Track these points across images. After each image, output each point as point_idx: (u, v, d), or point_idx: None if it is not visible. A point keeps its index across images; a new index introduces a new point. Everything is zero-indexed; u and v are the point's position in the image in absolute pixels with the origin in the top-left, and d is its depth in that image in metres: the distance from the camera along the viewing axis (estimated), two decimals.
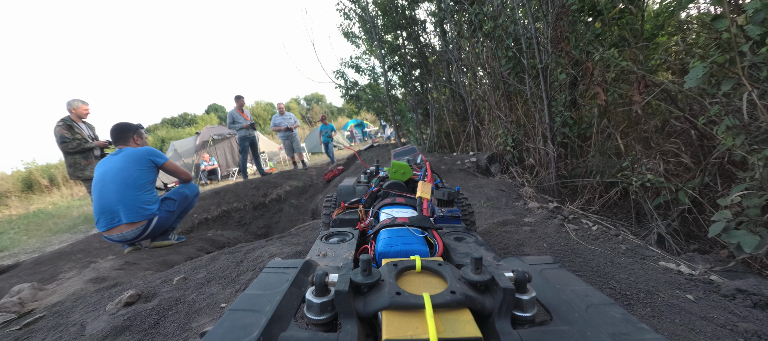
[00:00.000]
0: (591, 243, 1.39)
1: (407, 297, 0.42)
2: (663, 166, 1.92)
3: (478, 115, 4.59)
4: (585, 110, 3.07)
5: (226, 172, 11.83)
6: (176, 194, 3.17)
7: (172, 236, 3.29)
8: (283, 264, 0.56)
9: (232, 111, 6.56)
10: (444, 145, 5.86)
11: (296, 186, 7.54)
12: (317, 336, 0.40)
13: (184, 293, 1.32)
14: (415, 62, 6.38)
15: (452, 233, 0.80)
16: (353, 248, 0.72)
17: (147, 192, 2.91)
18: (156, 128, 36.17)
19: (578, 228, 1.51)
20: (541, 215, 1.67)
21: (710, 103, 1.75)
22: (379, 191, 1.05)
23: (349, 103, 7.72)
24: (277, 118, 8.07)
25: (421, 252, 0.65)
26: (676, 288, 1.14)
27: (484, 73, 4.03)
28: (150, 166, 2.96)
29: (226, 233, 3.60)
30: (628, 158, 2.15)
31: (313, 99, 48.55)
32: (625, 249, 1.34)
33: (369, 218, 0.91)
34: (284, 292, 0.47)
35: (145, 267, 2.33)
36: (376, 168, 1.42)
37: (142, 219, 2.84)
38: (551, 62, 2.60)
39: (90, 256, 4.07)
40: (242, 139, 6.74)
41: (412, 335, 0.38)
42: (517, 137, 3.29)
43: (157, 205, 2.97)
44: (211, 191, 6.90)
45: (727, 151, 1.67)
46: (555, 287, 0.50)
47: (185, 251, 2.95)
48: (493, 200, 2.08)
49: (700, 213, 1.95)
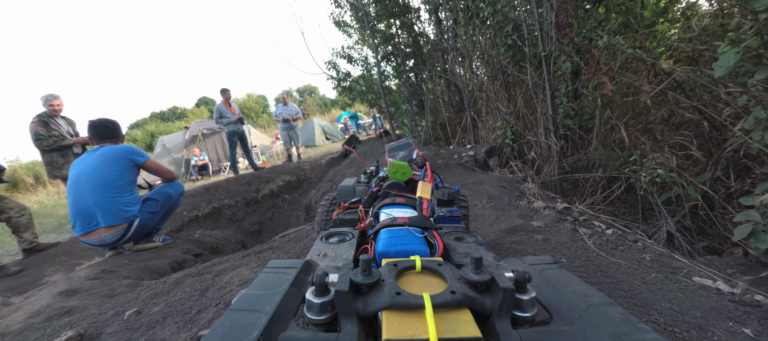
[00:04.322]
0: (612, 254, 1.27)
1: (407, 297, 0.42)
2: (673, 160, 1.81)
3: (475, 106, 4.46)
4: (586, 100, 2.95)
5: (217, 167, 11.57)
6: (159, 193, 3.00)
7: (157, 238, 3.13)
8: (283, 264, 0.56)
9: (218, 105, 6.32)
10: (439, 137, 5.73)
11: (289, 181, 7.39)
12: (317, 336, 0.40)
13: (132, 336, 1.17)
14: (410, 52, 6.19)
15: (452, 233, 0.79)
16: (353, 248, 0.72)
17: (127, 193, 2.74)
18: (145, 122, 35.34)
19: (592, 233, 1.40)
20: (549, 218, 1.55)
21: (728, 92, 1.64)
22: (379, 191, 1.05)
23: (342, 94, 7.52)
24: (279, 108, 7.88)
25: (421, 252, 0.64)
26: (726, 317, 1.03)
27: (481, 63, 3.87)
28: (129, 165, 2.79)
29: (214, 234, 3.45)
30: (635, 152, 2.04)
31: (306, 91, 47.86)
32: (650, 261, 1.23)
33: (369, 218, 0.91)
34: (284, 292, 0.47)
35: (124, 275, 2.18)
36: (376, 168, 1.41)
37: (122, 222, 2.68)
38: (555, 50, 2.46)
39: (75, 258, 3.91)
40: (230, 134, 6.53)
41: (412, 335, 0.38)
42: (516, 129, 3.17)
43: (139, 206, 2.81)
44: (201, 187, 6.71)
45: (743, 144, 1.57)
46: (555, 287, 0.49)
47: (170, 255, 2.80)
48: (495, 199, 1.96)
49: (710, 209, 1.86)
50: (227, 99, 6.35)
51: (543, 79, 2.61)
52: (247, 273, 1.52)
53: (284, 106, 7.89)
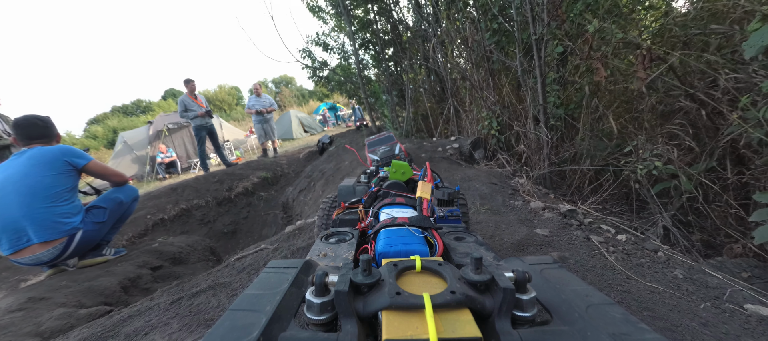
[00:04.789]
0: (640, 273, 1.10)
1: (407, 297, 0.42)
2: (674, 152, 1.71)
3: (458, 95, 4.29)
4: (572, 89, 2.84)
5: (186, 164, 10.86)
6: (107, 200, 2.63)
7: (107, 250, 2.75)
8: (283, 263, 0.57)
9: (182, 98, 5.80)
10: (421, 129, 5.55)
11: (265, 177, 7.01)
12: (317, 336, 0.40)
13: None
14: (388, 40, 5.93)
15: (452, 233, 0.79)
16: (353, 248, 0.71)
17: (64, 202, 2.35)
18: (105, 117, 32.87)
19: (605, 241, 1.25)
20: (554, 223, 1.39)
21: (728, 78, 1.55)
22: (379, 191, 1.05)
23: (319, 85, 7.16)
24: (251, 100, 7.41)
25: (421, 252, 0.64)
26: None
27: (464, 49, 3.69)
28: (66, 169, 2.40)
29: (177, 241, 3.11)
30: (631, 143, 1.94)
31: (282, 82, 46.22)
32: (683, 279, 1.09)
33: (369, 218, 0.91)
34: (284, 292, 0.47)
35: (59, 302, 1.85)
36: (377, 168, 1.40)
37: (60, 236, 2.31)
38: (547, 33, 2.30)
39: (19, 273, 3.46)
40: (198, 128, 6.03)
41: (412, 335, 0.37)
42: (502, 119, 3.03)
43: (81, 216, 2.43)
44: (167, 187, 6.23)
45: (744, 133, 1.49)
46: (555, 287, 0.49)
47: (122, 270, 2.46)
48: (488, 198, 1.79)
49: (704, 201, 1.79)
50: (192, 90, 5.83)
51: (532, 66, 2.46)
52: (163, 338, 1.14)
53: (257, 97, 7.45)
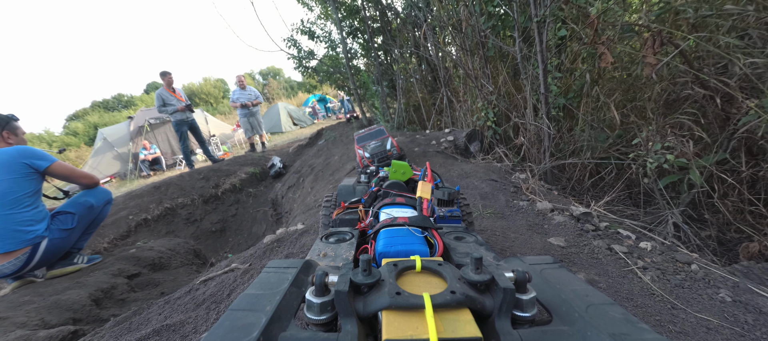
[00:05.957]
0: (682, 298, 0.98)
1: (407, 297, 0.42)
2: (689, 145, 1.60)
3: (451, 85, 4.13)
4: (570, 77, 2.72)
5: (171, 161, 10.47)
6: (76, 205, 2.42)
7: (79, 258, 2.55)
8: (283, 263, 0.56)
9: (159, 91, 5.46)
10: (414, 120, 5.38)
11: (253, 173, 6.78)
12: (317, 336, 0.40)
13: None
14: (378, 28, 5.68)
15: (452, 233, 0.78)
16: (353, 248, 0.71)
17: (25, 208, 2.14)
18: (86, 113, 31.54)
19: (628, 251, 1.14)
20: (568, 230, 1.27)
21: (745, 63, 1.44)
22: (379, 191, 1.04)
23: (306, 76, 6.89)
24: (236, 92, 7.09)
25: (421, 252, 0.64)
26: None
27: (457, 35, 3.51)
28: (27, 172, 2.18)
29: (157, 245, 2.91)
30: (640, 134, 1.83)
31: (269, 73, 45.08)
32: (732, 303, 0.96)
33: (369, 218, 0.90)
34: (284, 292, 0.47)
35: (19, 322, 1.66)
36: (377, 168, 1.39)
37: (22, 246, 2.11)
38: (549, 15, 2.15)
39: None
40: (178, 123, 5.72)
41: (412, 335, 0.37)
42: (498, 109, 2.89)
43: (45, 223, 2.23)
44: (150, 186, 5.95)
45: (761, 123, 1.39)
46: (555, 287, 0.49)
47: (94, 280, 2.27)
48: (489, 198, 1.66)
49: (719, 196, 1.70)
50: (169, 83, 5.50)
51: (533, 52, 2.31)
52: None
53: (242, 90, 7.13)
